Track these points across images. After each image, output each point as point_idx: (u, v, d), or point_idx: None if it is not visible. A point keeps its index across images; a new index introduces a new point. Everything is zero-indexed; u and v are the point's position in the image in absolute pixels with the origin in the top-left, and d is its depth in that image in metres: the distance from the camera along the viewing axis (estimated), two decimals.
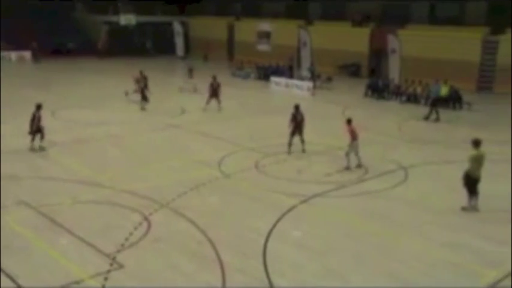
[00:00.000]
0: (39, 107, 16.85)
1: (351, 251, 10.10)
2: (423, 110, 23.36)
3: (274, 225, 11.15)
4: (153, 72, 38.00)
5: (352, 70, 36.81)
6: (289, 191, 13.30)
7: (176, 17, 48.01)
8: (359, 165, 14.91)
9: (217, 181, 14.07)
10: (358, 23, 37.60)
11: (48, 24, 46.42)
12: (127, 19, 46.11)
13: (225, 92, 23.83)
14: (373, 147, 17.02)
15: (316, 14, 41.50)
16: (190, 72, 30.33)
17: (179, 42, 47.22)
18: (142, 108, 23.21)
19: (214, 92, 23.00)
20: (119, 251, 9.81)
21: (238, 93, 29.30)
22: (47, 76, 34.96)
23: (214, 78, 23.20)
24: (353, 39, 36.15)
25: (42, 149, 16.72)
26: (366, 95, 28.57)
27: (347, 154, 14.88)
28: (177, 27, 46.85)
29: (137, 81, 24.92)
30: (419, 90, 26.50)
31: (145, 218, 11.35)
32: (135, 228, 10.82)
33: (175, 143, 18.26)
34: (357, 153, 14.91)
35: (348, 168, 14.78)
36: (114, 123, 20.78)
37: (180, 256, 9.76)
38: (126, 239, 10.31)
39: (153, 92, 24.13)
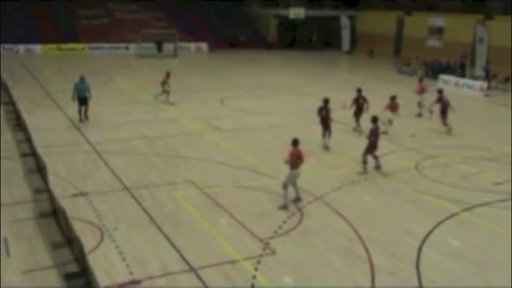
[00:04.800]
0: (326, 101, 15.99)
1: None
2: None
3: (431, 231, 10.64)
4: (318, 66, 38.40)
5: None
6: (451, 197, 12.54)
7: (344, 11, 47.77)
8: (298, 199, 11.86)
9: (373, 180, 13.81)
10: None
11: (223, 18, 49.81)
12: (296, 13, 47.05)
13: (388, 89, 23.14)
14: None
15: (498, 8, 38.10)
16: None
17: (345, 36, 46.92)
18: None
19: (360, 108, 18.32)
20: (272, 238, 10.21)
21: (402, 90, 28.17)
22: (218, 65, 37.38)
23: (359, 91, 18.47)
24: None
25: (325, 147, 16.13)
26: None
27: (284, 187, 11.70)
28: (344, 21, 46.59)
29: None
30: None
31: (299, 209, 11.62)
32: (288, 218, 11.15)
33: (332, 138, 18.27)
34: (295, 185, 11.82)
35: (284, 207, 11.56)
36: (276, 114, 21.50)
37: (330, 251, 9.82)
38: (280, 227, 10.68)
39: (313, 85, 24.42)
